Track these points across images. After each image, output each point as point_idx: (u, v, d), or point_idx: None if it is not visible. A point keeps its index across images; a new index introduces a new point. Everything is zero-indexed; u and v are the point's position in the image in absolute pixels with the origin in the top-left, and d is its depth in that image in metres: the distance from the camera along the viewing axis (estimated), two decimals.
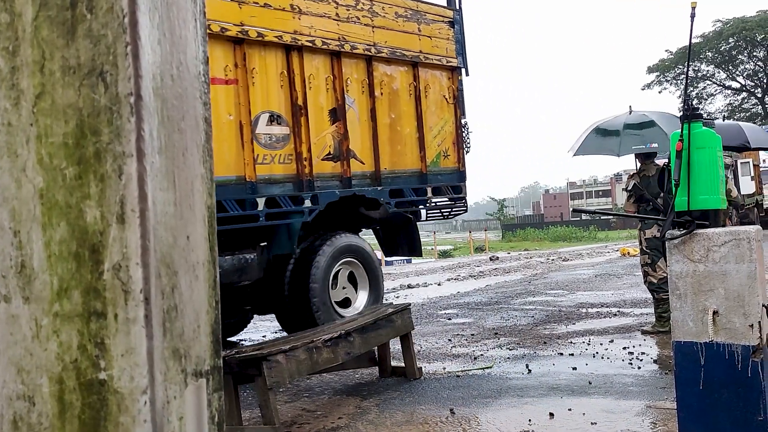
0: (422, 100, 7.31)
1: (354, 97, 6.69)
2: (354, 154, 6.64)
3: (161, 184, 0.96)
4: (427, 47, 7.33)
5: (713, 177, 2.78)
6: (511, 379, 5.03)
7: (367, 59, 6.79)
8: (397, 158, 7.10)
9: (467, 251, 29.97)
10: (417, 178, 7.29)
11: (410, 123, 7.24)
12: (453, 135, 7.68)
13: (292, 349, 4.14)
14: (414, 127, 7.26)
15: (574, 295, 9.92)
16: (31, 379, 0.93)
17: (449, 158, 7.64)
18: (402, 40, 7.07)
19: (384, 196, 6.87)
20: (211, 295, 1.05)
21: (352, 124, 6.62)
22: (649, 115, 6.65)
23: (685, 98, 3.04)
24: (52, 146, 0.94)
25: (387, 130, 6.99)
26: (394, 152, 7.07)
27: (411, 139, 7.25)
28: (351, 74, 6.67)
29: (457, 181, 7.74)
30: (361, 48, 6.66)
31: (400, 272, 17.68)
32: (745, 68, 42.80)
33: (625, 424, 3.81)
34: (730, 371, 2.60)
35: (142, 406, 0.90)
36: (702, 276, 2.66)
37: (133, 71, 0.92)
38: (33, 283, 0.94)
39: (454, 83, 7.70)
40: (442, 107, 7.58)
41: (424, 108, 7.32)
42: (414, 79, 7.26)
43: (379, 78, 6.92)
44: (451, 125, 7.65)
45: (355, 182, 6.64)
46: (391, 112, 7.05)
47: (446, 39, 7.54)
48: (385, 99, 7.00)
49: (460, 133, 7.74)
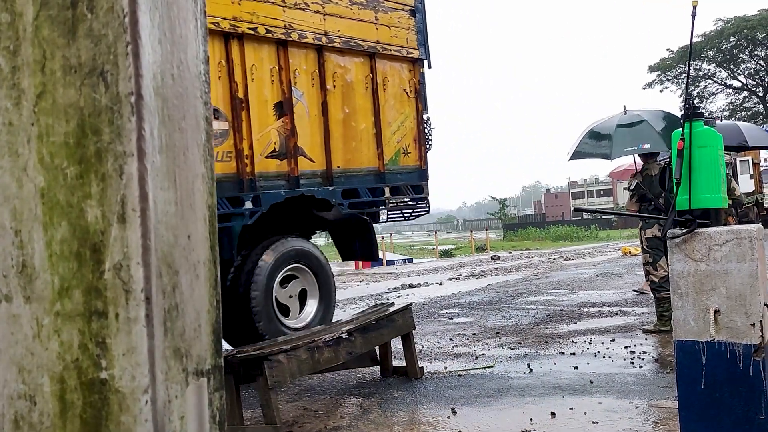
0: (380, 93, 6.82)
1: (303, 90, 6.22)
2: (302, 152, 6.18)
3: (162, 183, 0.96)
4: (386, 37, 6.85)
5: (714, 176, 2.78)
6: (513, 379, 5.03)
7: (318, 49, 6.32)
8: (352, 156, 6.62)
9: (468, 251, 29.96)
10: (374, 177, 6.82)
11: (366, 118, 6.76)
12: (414, 131, 7.19)
13: (293, 349, 4.14)
14: (371, 123, 6.78)
15: (576, 295, 9.92)
16: (33, 379, 0.93)
17: (410, 156, 7.17)
18: (357, 29, 6.59)
19: (336, 197, 6.39)
20: (212, 294, 1.05)
21: (300, 119, 6.16)
22: (641, 114, 6.56)
23: (686, 97, 3.03)
24: (53, 146, 0.94)
25: (340, 126, 6.52)
26: (348, 149, 6.59)
27: (367, 135, 6.77)
28: (299, 65, 6.19)
29: (419, 180, 7.25)
30: (310, 37, 6.19)
31: (402, 272, 17.68)
32: (747, 67, 42.76)
33: (627, 423, 3.81)
34: (731, 370, 2.59)
35: (143, 405, 0.90)
36: (703, 275, 2.65)
37: (133, 71, 0.92)
38: (34, 282, 0.94)
39: (416, 76, 7.21)
40: (402, 101, 7.09)
41: (382, 102, 6.84)
42: (371, 71, 6.77)
43: (331, 70, 6.43)
44: (411, 121, 7.17)
45: (303, 182, 6.18)
46: (345, 106, 6.57)
47: (406, 28, 7.05)
48: (338, 92, 6.51)
49: (422, 129, 7.26)
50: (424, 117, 7.30)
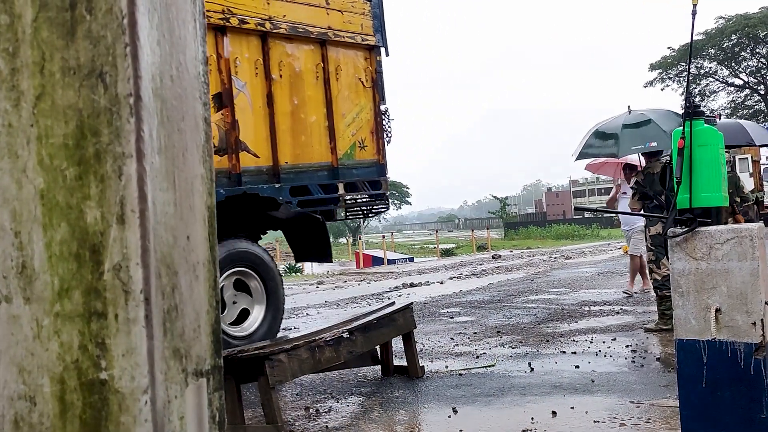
0: (333, 83, 6.34)
1: (245, 80, 5.81)
2: (245, 146, 5.78)
3: (161, 184, 0.96)
4: (338, 23, 6.36)
5: (715, 174, 2.78)
6: (514, 378, 5.03)
7: (262, 36, 5.90)
8: (302, 150, 6.14)
9: (470, 250, 29.96)
10: (327, 172, 6.33)
11: (318, 110, 6.26)
12: (371, 123, 6.67)
13: (294, 348, 4.14)
14: (322, 115, 6.29)
15: (577, 293, 9.91)
16: (33, 379, 0.94)
17: (366, 150, 6.65)
18: (305, 14, 6.15)
19: (284, 195, 5.95)
20: (211, 295, 1.06)
21: (242, 112, 5.75)
22: (646, 114, 6.65)
23: (687, 96, 3.03)
24: (52, 147, 0.94)
25: (288, 119, 6.03)
26: (298, 144, 6.12)
27: (319, 128, 6.28)
28: (240, 53, 5.76)
29: (377, 176, 6.74)
30: (252, 22, 5.76)
31: (403, 271, 17.69)
32: (748, 65, 42.69)
33: (629, 423, 3.81)
34: (732, 369, 2.59)
35: (142, 405, 0.91)
36: (704, 274, 2.65)
37: (132, 72, 0.92)
38: (34, 283, 0.94)
39: (372, 64, 6.70)
40: (357, 92, 6.59)
41: (335, 92, 6.35)
42: (322, 60, 6.30)
43: (277, 58, 5.99)
44: (368, 112, 6.66)
45: (247, 179, 5.75)
46: (293, 97, 6.10)
47: (361, 14, 6.58)
48: (286, 82, 6.04)
49: (380, 120, 6.72)
50: (381, 108, 6.82)
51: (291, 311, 10.16)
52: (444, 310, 9.00)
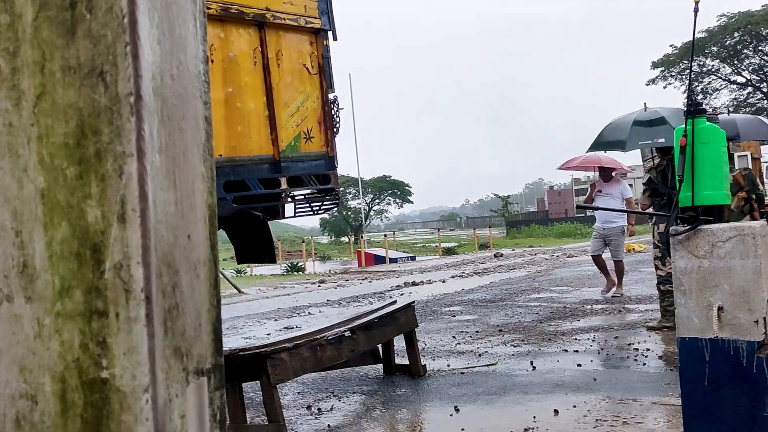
0: (273, 69, 5.85)
1: None
2: None
3: (162, 183, 0.96)
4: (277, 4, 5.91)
5: (717, 172, 2.77)
6: (516, 376, 5.02)
7: None
8: (238, 142, 5.69)
9: (471, 248, 29.95)
10: (268, 166, 5.89)
11: (256, 98, 5.80)
12: (318, 112, 6.16)
13: (296, 347, 4.14)
14: (262, 104, 5.82)
15: (579, 292, 9.91)
16: (34, 378, 0.94)
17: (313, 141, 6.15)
18: None
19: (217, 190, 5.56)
20: (212, 293, 1.06)
21: None
22: (660, 112, 6.73)
23: (689, 93, 3.03)
24: (53, 146, 0.94)
25: (221, 107, 5.57)
26: (233, 135, 5.66)
27: (257, 118, 5.81)
28: None
29: (325, 169, 6.23)
30: None
31: (404, 269, 17.69)
32: (751, 63, 42.60)
33: (631, 421, 3.81)
34: (735, 367, 2.59)
35: (143, 404, 0.91)
36: (707, 272, 2.65)
37: (132, 71, 0.92)
38: (35, 282, 0.94)
39: (318, 49, 6.18)
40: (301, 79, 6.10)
41: (275, 79, 5.88)
42: (260, 44, 5.82)
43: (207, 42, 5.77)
44: (314, 101, 6.16)
45: None
46: (226, 84, 5.63)
47: None
48: (218, 68, 5.56)
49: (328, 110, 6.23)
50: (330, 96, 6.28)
51: (293, 310, 10.17)
52: (446, 308, 9.00)
